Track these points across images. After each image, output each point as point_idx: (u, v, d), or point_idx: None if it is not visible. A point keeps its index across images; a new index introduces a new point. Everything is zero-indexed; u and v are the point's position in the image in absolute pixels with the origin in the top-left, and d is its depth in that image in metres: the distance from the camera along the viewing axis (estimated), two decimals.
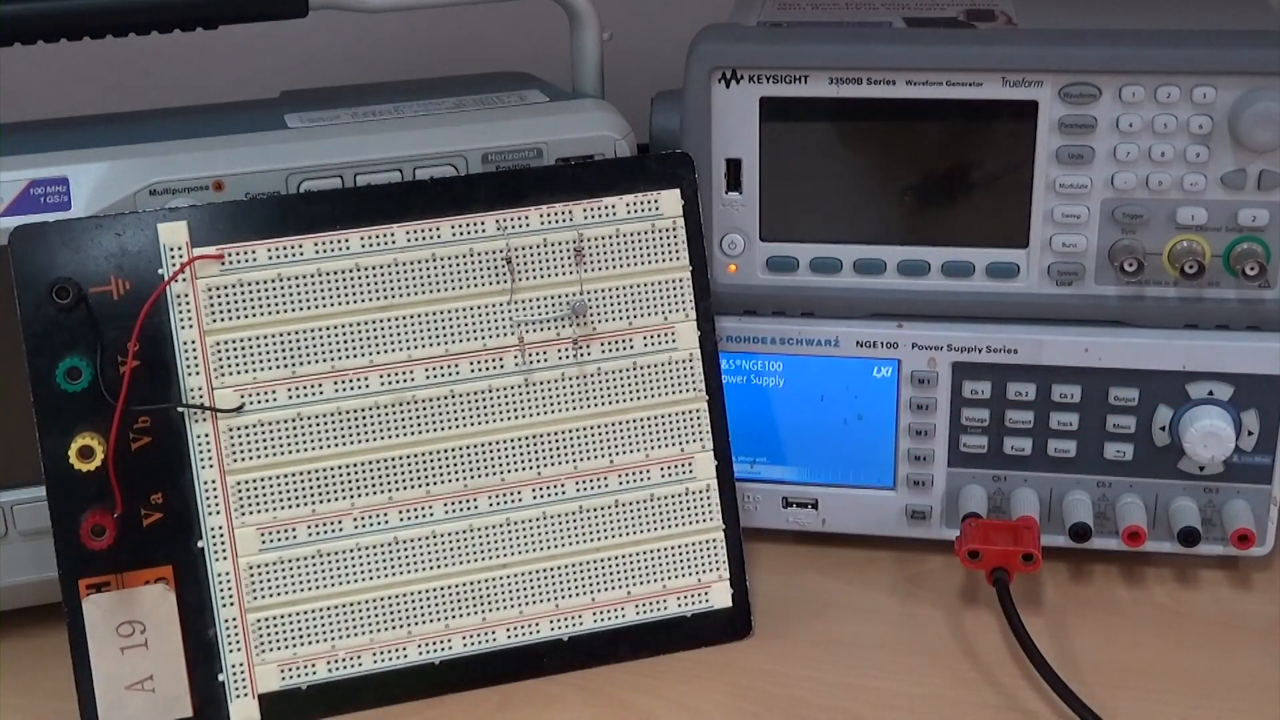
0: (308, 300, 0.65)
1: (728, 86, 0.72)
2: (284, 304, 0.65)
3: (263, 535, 0.65)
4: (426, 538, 0.67)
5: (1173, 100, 0.68)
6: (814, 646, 0.70)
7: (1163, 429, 0.72)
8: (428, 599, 0.67)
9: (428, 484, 0.67)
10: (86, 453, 0.63)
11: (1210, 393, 0.71)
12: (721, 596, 0.70)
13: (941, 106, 0.70)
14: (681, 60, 0.72)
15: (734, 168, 0.73)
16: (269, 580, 0.65)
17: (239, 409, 0.65)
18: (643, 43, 0.87)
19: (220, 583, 0.65)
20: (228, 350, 0.65)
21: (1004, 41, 0.71)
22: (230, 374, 0.65)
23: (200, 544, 0.65)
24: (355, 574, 0.66)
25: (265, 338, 0.65)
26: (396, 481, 0.67)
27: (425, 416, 0.67)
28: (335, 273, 0.66)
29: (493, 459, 0.68)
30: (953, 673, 0.68)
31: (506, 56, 0.89)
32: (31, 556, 0.69)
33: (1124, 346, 0.71)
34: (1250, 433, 0.71)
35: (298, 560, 0.66)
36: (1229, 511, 0.72)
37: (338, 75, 0.92)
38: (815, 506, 0.76)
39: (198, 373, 0.64)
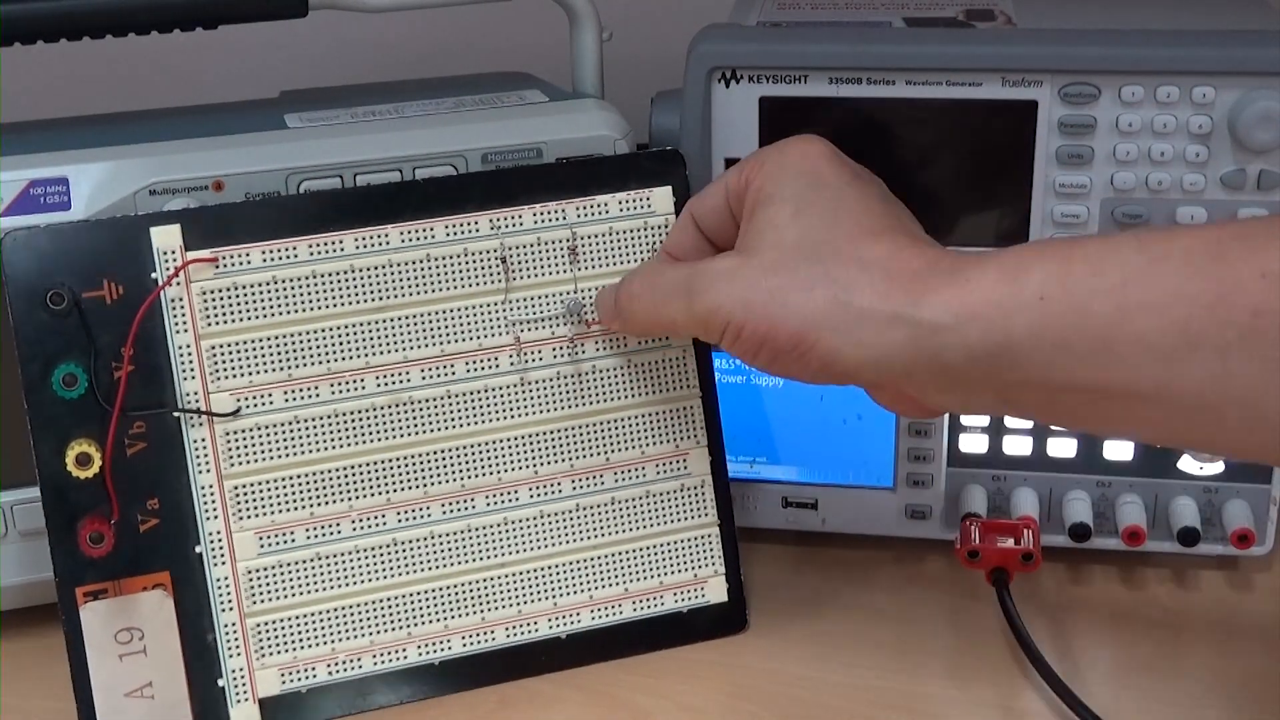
0: (303, 302, 0.65)
1: (727, 86, 0.72)
2: (279, 306, 0.65)
3: (261, 539, 0.65)
4: (425, 538, 0.67)
5: (1172, 100, 0.68)
6: (813, 646, 0.70)
7: None
8: (427, 600, 0.67)
9: (425, 485, 0.67)
10: (84, 460, 0.63)
11: None
12: (717, 591, 0.70)
13: (941, 106, 0.70)
14: (681, 60, 0.72)
15: None
16: (268, 584, 0.65)
17: (235, 413, 0.65)
18: (643, 43, 0.87)
19: (219, 587, 0.65)
20: (223, 354, 0.64)
21: (1003, 41, 0.71)
22: (226, 378, 0.64)
23: (198, 549, 0.64)
24: (354, 576, 0.66)
25: (261, 341, 0.65)
26: (394, 483, 0.66)
27: (422, 417, 0.67)
28: (330, 274, 0.65)
29: (490, 458, 0.67)
30: (953, 673, 0.68)
31: (506, 56, 0.89)
32: (31, 557, 0.69)
33: None
34: None
35: (297, 564, 0.66)
36: (1229, 511, 0.72)
37: (338, 75, 0.92)
38: (815, 506, 0.76)
39: (193, 377, 0.64)
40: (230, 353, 0.65)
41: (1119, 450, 0.72)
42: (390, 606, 0.67)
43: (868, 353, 0.57)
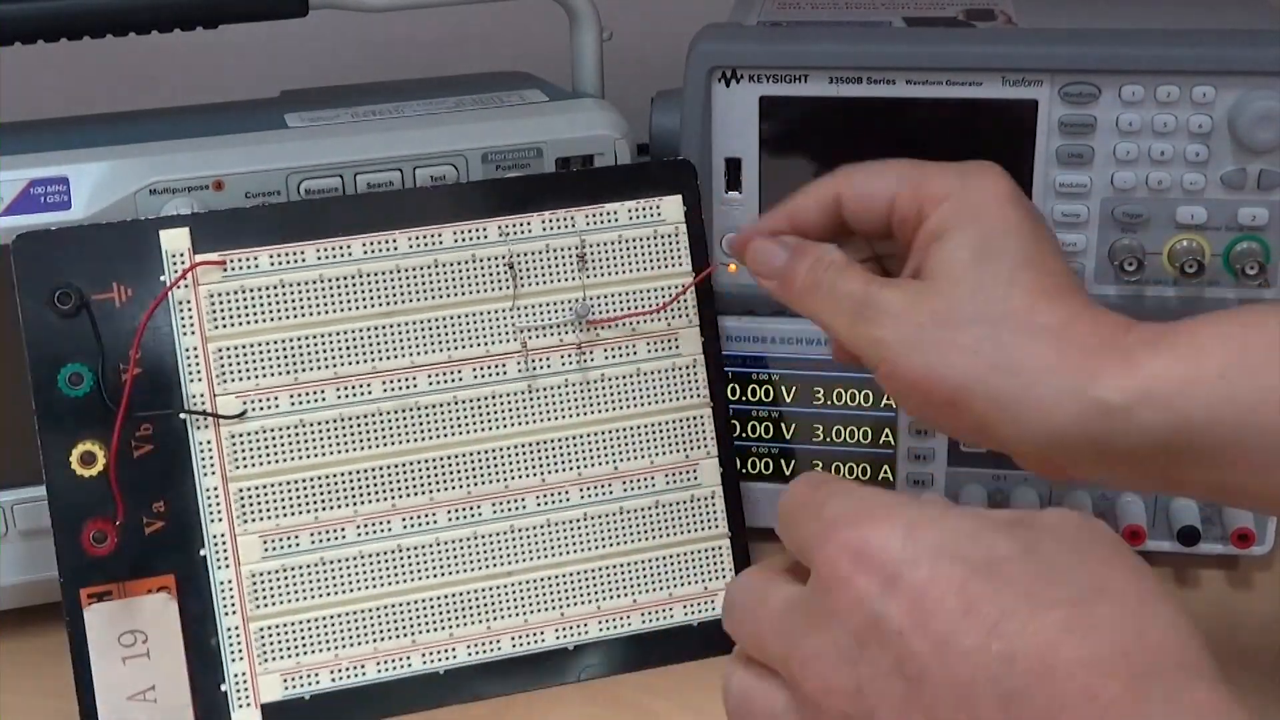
0: (310, 306, 0.65)
1: (727, 86, 0.72)
2: (286, 310, 0.65)
3: (265, 543, 0.65)
4: (430, 545, 0.66)
5: (1172, 100, 0.68)
6: None
7: None
8: (431, 607, 0.66)
9: (431, 491, 0.66)
10: (88, 458, 0.63)
11: None
12: None
13: (941, 106, 0.70)
14: (681, 60, 0.72)
15: (734, 167, 0.73)
16: (272, 588, 0.65)
17: (241, 415, 0.64)
18: (643, 43, 0.87)
19: (223, 591, 0.64)
20: (230, 356, 0.64)
21: (1004, 41, 0.71)
22: (233, 380, 0.64)
23: (202, 552, 0.64)
24: (358, 582, 0.66)
25: (268, 344, 0.65)
26: (400, 488, 0.66)
27: (428, 423, 0.66)
28: (337, 279, 0.65)
29: (496, 465, 0.67)
30: None
31: (506, 56, 0.89)
32: (31, 557, 0.69)
33: None
34: None
35: (301, 568, 0.65)
36: (1229, 511, 0.72)
37: (338, 75, 0.92)
38: None
39: (200, 379, 0.64)
40: (237, 355, 0.64)
41: None
42: (394, 613, 0.66)
43: (1026, 427, 0.54)
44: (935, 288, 0.56)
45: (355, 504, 0.66)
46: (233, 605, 0.64)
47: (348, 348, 0.66)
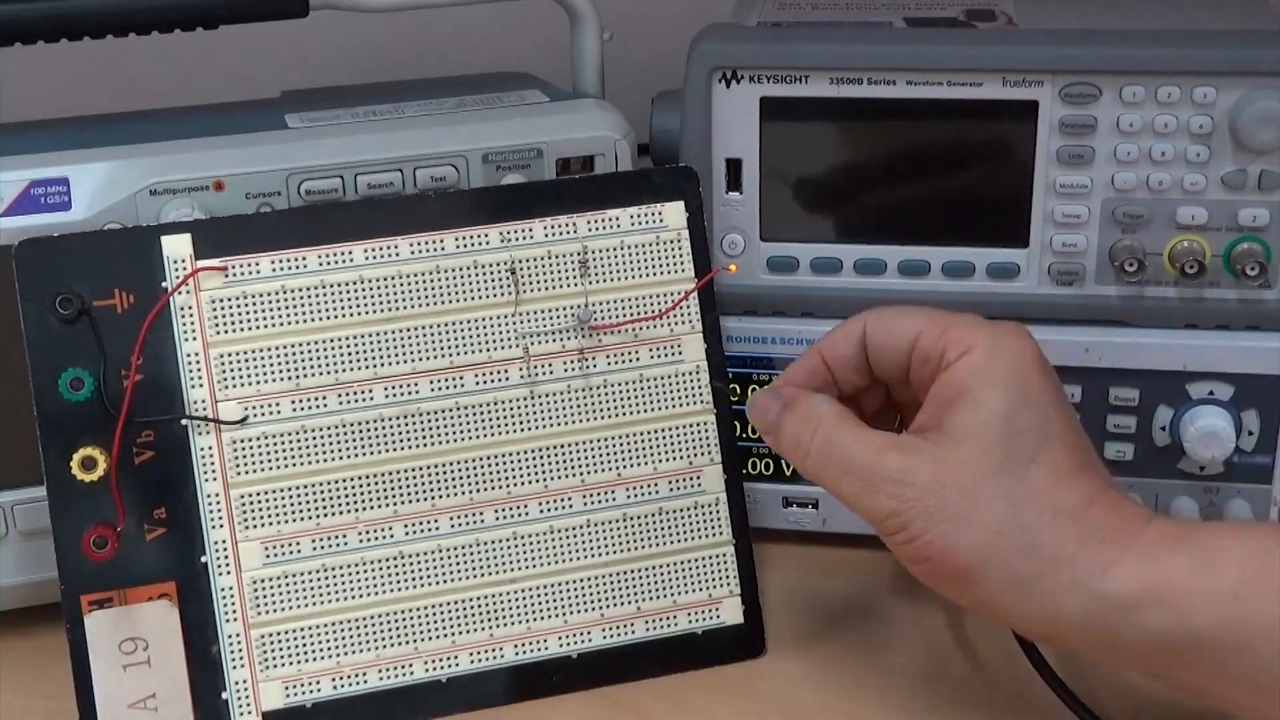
0: (312, 312, 0.65)
1: (728, 86, 0.72)
2: (288, 316, 0.65)
3: (267, 549, 0.65)
4: (432, 552, 0.66)
5: (1173, 100, 0.68)
6: (814, 646, 0.70)
7: (1163, 429, 0.72)
8: (434, 614, 0.66)
9: (433, 497, 0.66)
10: (89, 464, 0.63)
11: (1210, 393, 0.71)
12: (733, 613, 0.69)
13: (941, 106, 0.70)
14: (681, 60, 0.72)
15: (734, 168, 0.73)
16: (273, 595, 0.65)
17: (243, 421, 0.64)
18: (643, 43, 0.87)
19: (224, 598, 0.64)
20: (231, 362, 0.64)
21: (1004, 41, 0.71)
22: (234, 386, 0.64)
23: (204, 559, 0.64)
24: (360, 589, 0.66)
25: (269, 350, 0.65)
26: (402, 495, 0.66)
27: (430, 429, 0.66)
28: (339, 285, 0.65)
29: (499, 472, 0.67)
30: (952, 673, 0.68)
31: (506, 56, 0.89)
32: (31, 557, 0.69)
33: (1124, 346, 0.71)
34: (1250, 433, 0.71)
35: (302, 575, 0.65)
36: (1229, 511, 0.72)
37: (338, 75, 0.92)
38: (815, 506, 0.76)
39: (201, 385, 0.64)
40: (238, 361, 0.64)
41: (1119, 450, 0.72)
42: (397, 620, 0.66)
43: (1035, 609, 0.55)
44: (957, 457, 0.56)
45: (357, 510, 0.66)
46: (234, 612, 0.64)
47: (349, 353, 0.65)
